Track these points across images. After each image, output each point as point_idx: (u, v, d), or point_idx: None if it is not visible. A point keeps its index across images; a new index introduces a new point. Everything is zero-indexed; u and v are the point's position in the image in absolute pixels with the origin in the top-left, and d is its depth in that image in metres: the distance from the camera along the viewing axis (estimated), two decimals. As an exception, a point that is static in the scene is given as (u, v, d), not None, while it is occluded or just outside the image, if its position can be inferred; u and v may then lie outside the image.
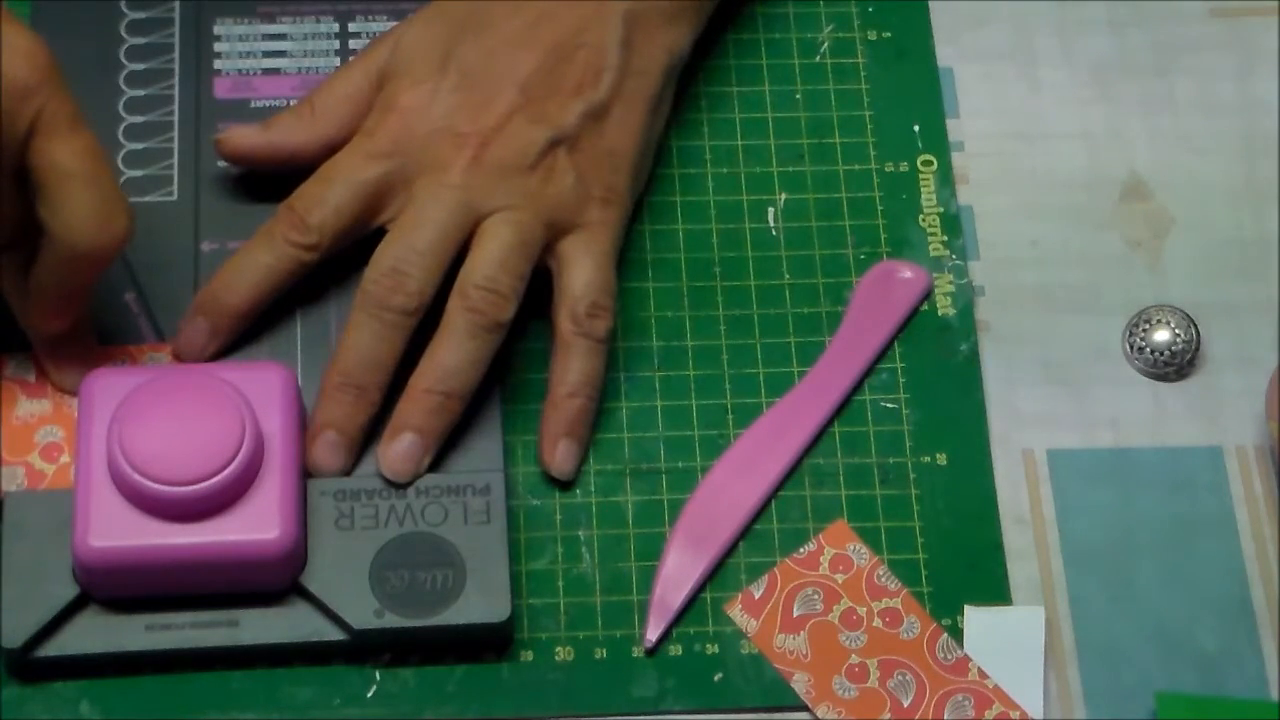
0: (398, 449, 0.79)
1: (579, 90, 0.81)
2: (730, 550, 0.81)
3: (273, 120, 0.84)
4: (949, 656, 0.79)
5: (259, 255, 0.80)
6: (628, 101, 0.82)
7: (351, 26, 0.90)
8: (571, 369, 0.80)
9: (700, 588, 0.80)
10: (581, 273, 0.80)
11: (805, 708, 0.78)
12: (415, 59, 0.82)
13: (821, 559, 0.81)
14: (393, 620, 0.77)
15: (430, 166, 0.80)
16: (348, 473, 0.79)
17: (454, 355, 0.79)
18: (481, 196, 0.79)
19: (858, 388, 0.84)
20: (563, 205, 0.80)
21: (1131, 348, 0.85)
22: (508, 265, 0.79)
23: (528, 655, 0.79)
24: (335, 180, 0.80)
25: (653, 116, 0.84)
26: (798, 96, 0.90)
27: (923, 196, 0.88)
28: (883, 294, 0.86)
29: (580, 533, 0.81)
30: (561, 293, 0.81)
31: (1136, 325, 0.86)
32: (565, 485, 0.81)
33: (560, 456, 0.80)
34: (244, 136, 0.83)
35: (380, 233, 0.81)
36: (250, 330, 0.82)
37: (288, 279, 0.81)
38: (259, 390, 0.77)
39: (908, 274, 0.86)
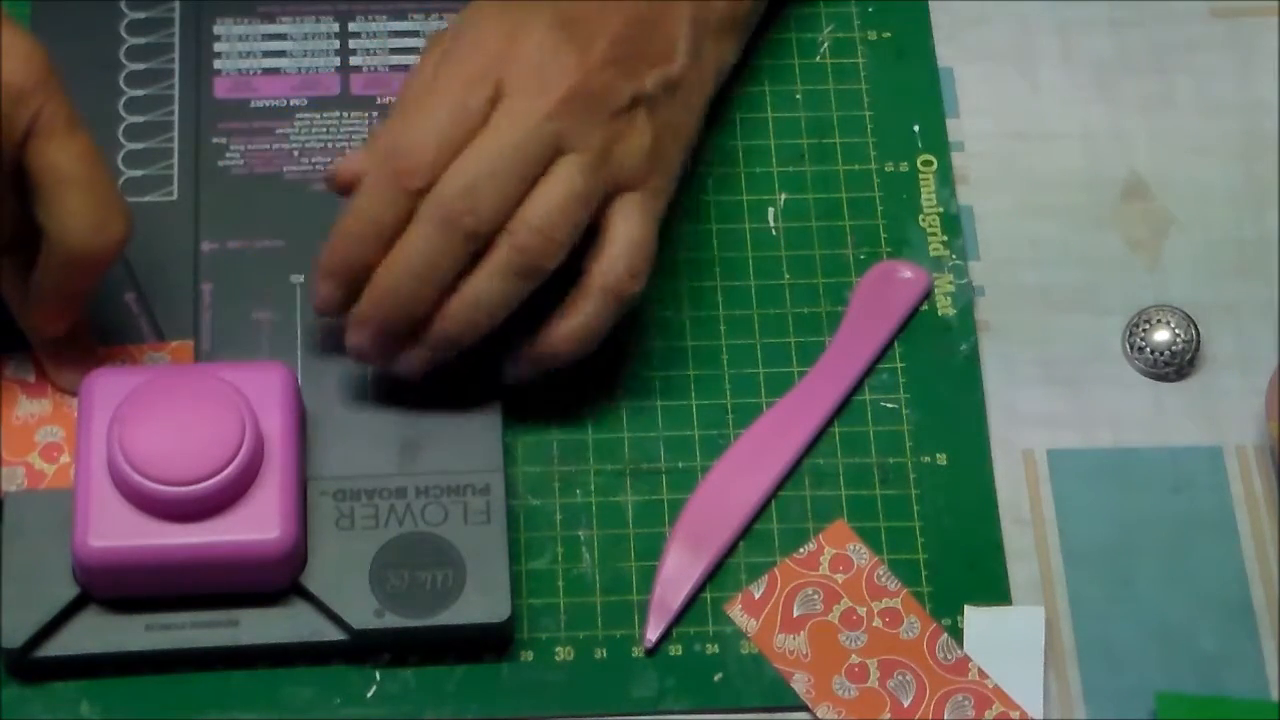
0: (410, 357, 0.79)
1: (659, 61, 0.80)
2: (730, 550, 0.81)
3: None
4: (949, 656, 0.79)
5: (374, 211, 0.77)
6: (692, 89, 0.82)
7: (351, 26, 0.90)
8: (583, 317, 0.79)
9: (700, 588, 0.80)
10: (632, 230, 0.79)
11: (805, 708, 0.78)
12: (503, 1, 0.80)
13: (821, 559, 0.81)
14: (393, 620, 0.77)
15: (527, 89, 0.77)
16: (384, 364, 0.79)
17: (487, 286, 0.77)
18: (570, 130, 0.77)
19: (858, 388, 0.84)
20: (632, 163, 0.79)
21: (1131, 348, 0.85)
22: (568, 212, 0.77)
23: (528, 655, 0.79)
24: (438, 110, 0.77)
25: (704, 116, 0.84)
26: (798, 96, 0.90)
27: (923, 196, 0.88)
28: (883, 294, 0.86)
29: (580, 533, 0.81)
30: (607, 244, 0.79)
31: (1136, 325, 0.86)
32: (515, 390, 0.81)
33: (516, 373, 0.80)
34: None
35: None
36: (250, 330, 0.82)
37: (405, 226, 0.77)
38: (259, 390, 0.77)
39: (908, 274, 0.86)
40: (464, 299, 0.77)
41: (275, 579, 0.77)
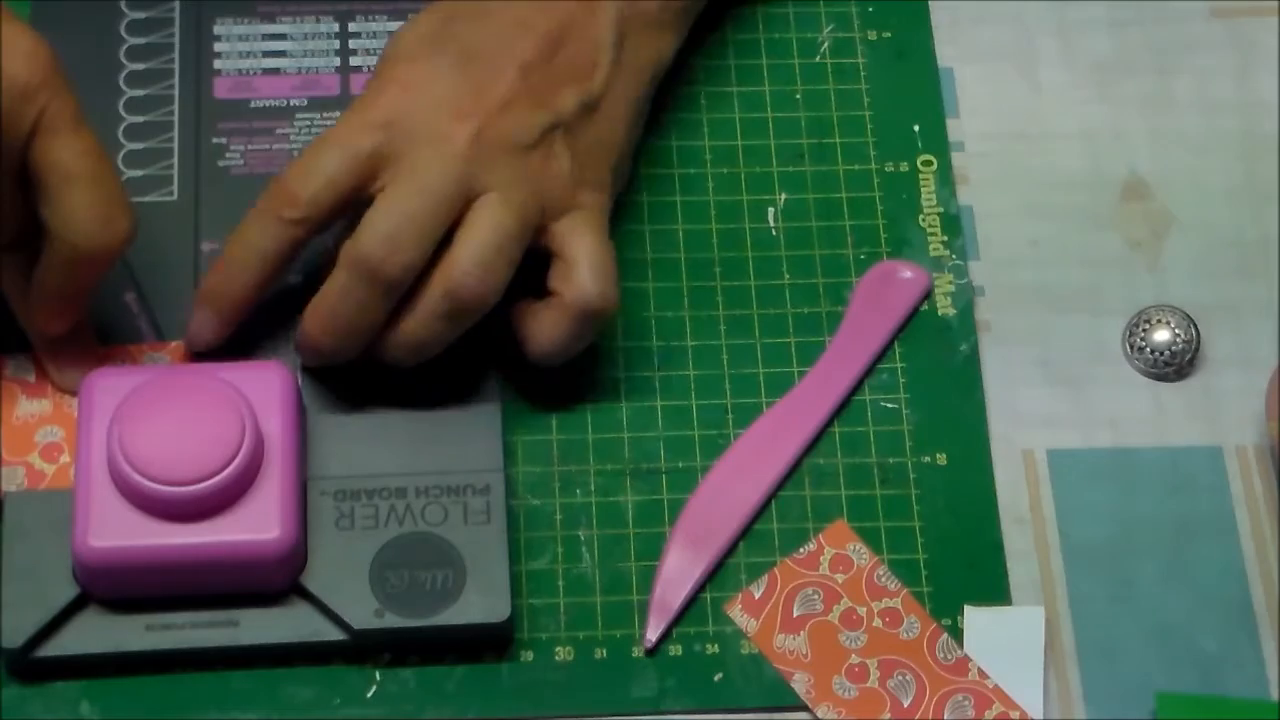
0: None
1: (575, 80, 0.80)
2: (730, 550, 0.81)
3: None
4: (949, 656, 0.79)
5: (253, 239, 0.78)
6: (617, 98, 0.82)
7: (351, 26, 0.90)
8: (559, 335, 0.79)
9: (700, 588, 0.80)
10: (590, 250, 0.79)
11: (805, 708, 0.78)
12: (411, 41, 0.80)
13: (821, 559, 0.81)
14: (393, 620, 0.77)
15: (431, 138, 0.78)
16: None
17: (421, 331, 0.78)
18: (482, 171, 0.78)
19: (858, 388, 0.84)
20: (559, 188, 0.79)
21: (1131, 348, 0.85)
22: (501, 250, 0.77)
23: (528, 655, 0.79)
24: (327, 151, 0.78)
25: (637, 118, 0.84)
26: (798, 96, 0.90)
27: (923, 196, 0.88)
28: (883, 294, 0.86)
29: (580, 533, 0.81)
30: (571, 267, 0.79)
31: (1136, 325, 0.86)
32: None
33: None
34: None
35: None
36: (250, 330, 0.82)
37: (286, 258, 0.79)
38: (259, 390, 0.77)
39: (908, 274, 0.86)
40: (400, 340, 0.78)
41: (275, 579, 0.77)
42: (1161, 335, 0.85)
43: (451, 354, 0.82)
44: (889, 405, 0.84)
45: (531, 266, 0.80)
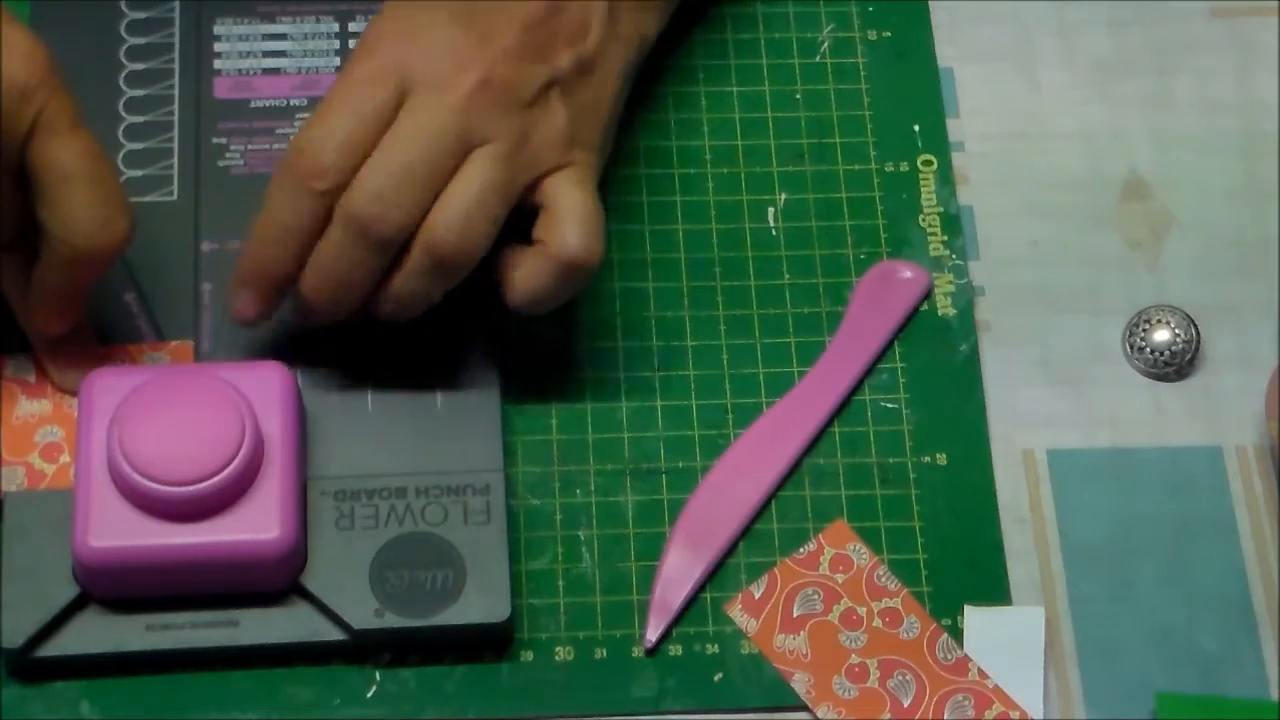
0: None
1: (572, 40, 0.79)
2: (730, 550, 0.81)
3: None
4: (949, 656, 0.79)
5: (284, 217, 0.77)
6: (609, 65, 0.81)
7: (351, 26, 0.90)
8: (537, 284, 0.78)
9: (700, 588, 0.80)
10: (578, 203, 0.78)
11: (805, 708, 0.78)
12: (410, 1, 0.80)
13: (821, 559, 0.81)
14: (393, 620, 0.77)
15: (431, 84, 0.77)
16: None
17: (407, 286, 0.77)
18: (481, 123, 0.77)
19: (858, 388, 0.84)
20: (552, 145, 0.78)
21: (1131, 348, 0.85)
22: (484, 207, 0.76)
23: (528, 655, 0.79)
24: (338, 113, 0.77)
25: (624, 90, 0.83)
26: (798, 96, 0.90)
27: (923, 196, 0.88)
28: (883, 294, 0.86)
29: (580, 533, 0.81)
30: (556, 218, 0.78)
31: (1136, 325, 0.86)
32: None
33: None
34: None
35: None
36: (250, 330, 0.82)
37: (320, 228, 0.77)
38: (259, 390, 0.77)
39: (908, 274, 0.86)
40: (388, 297, 0.78)
41: (275, 579, 0.77)
42: (1161, 335, 0.85)
43: (451, 354, 0.82)
44: (889, 405, 0.84)
45: (523, 219, 0.79)
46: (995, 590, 0.81)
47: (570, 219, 0.78)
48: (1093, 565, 0.81)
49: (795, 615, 0.80)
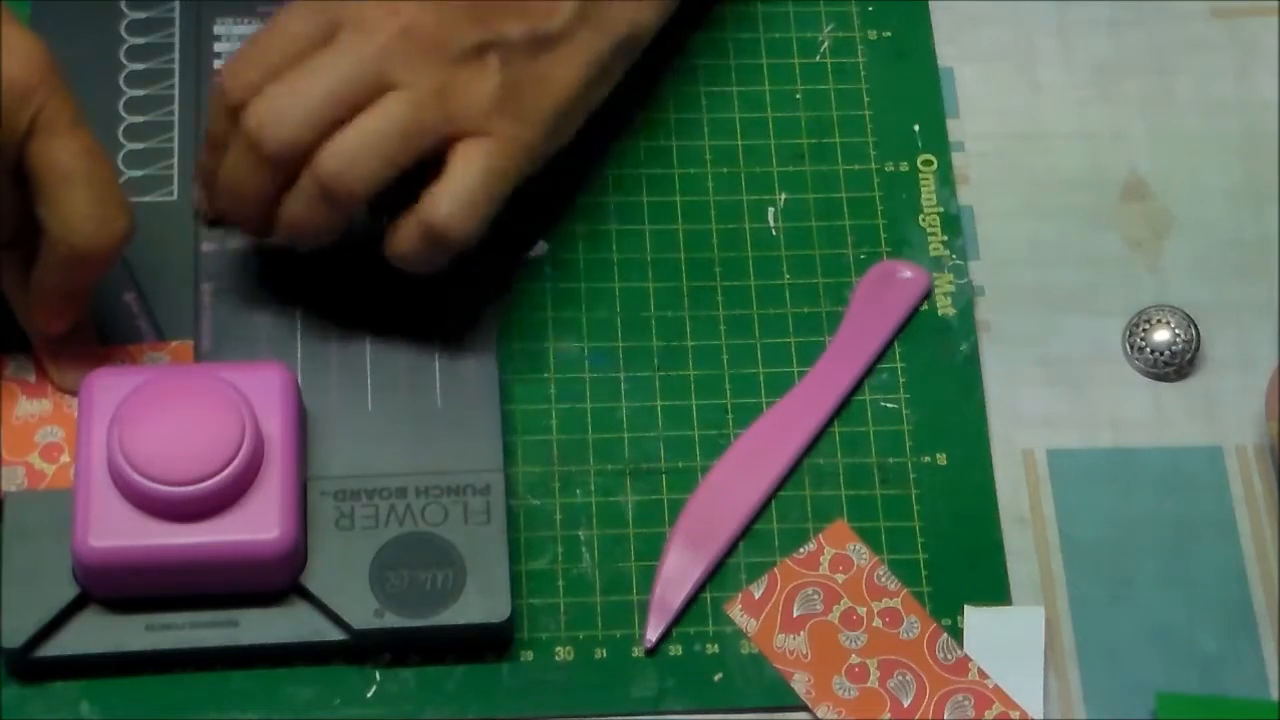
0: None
1: (531, 14, 0.79)
2: (730, 550, 0.81)
3: None
4: (949, 656, 0.79)
5: (213, 128, 0.79)
6: (576, 48, 0.80)
7: (351, 26, 0.90)
8: (403, 241, 0.78)
9: (700, 588, 0.80)
10: (465, 173, 0.77)
11: (805, 708, 0.78)
12: None
13: (821, 559, 0.81)
14: (393, 620, 0.77)
15: (358, 24, 0.77)
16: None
17: (294, 210, 0.78)
18: (397, 69, 0.77)
19: (858, 388, 0.84)
20: (475, 107, 0.78)
21: (1131, 348, 0.85)
22: (379, 145, 0.76)
23: (528, 655, 0.79)
24: (265, 39, 0.78)
25: (595, 79, 0.81)
26: (798, 96, 0.90)
27: (923, 196, 0.88)
28: (883, 294, 0.86)
29: (580, 533, 0.81)
30: (440, 181, 0.78)
31: (1136, 325, 0.86)
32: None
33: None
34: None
35: None
36: (250, 330, 0.82)
37: (267, 190, 0.79)
38: (259, 390, 0.77)
39: (908, 274, 0.86)
40: (283, 218, 0.78)
41: (275, 579, 0.77)
42: (1161, 335, 0.85)
43: (451, 354, 0.82)
44: (889, 405, 0.84)
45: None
46: (995, 590, 0.81)
47: (449, 186, 0.77)
48: (1093, 565, 0.81)
49: (795, 615, 0.80)
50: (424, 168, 0.78)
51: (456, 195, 0.77)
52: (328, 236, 0.79)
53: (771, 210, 0.88)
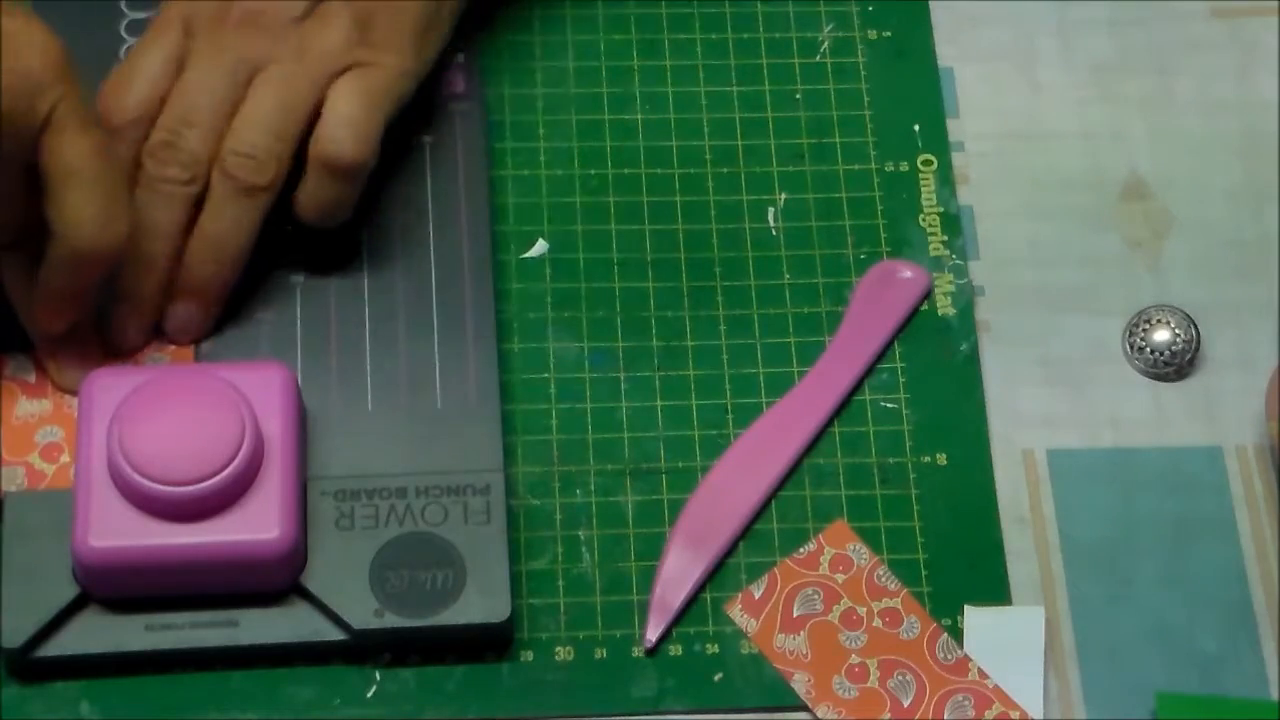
0: (176, 314, 0.81)
1: None
2: (730, 550, 0.81)
3: None
4: (949, 656, 0.79)
5: (150, 215, 0.79)
6: None
7: (351, 26, 0.90)
8: (311, 191, 0.80)
9: (700, 588, 0.80)
10: (339, 104, 0.79)
11: (805, 708, 0.78)
12: None
13: (821, 559, 0.81)
14: (393, 620, 0.77)
15: (205, 25, 0.80)
16: (139, 346, 0.81)
17: (215, 223, 0.79)
18: (255, 52, 0.79)
19: (858, 387, 0.84)
20: (336, 51, 0.80)
21: (1131, 348, 0.85)
22: (270, 127, 0.79)
23: (528, 655, 0.79)
24: (132, 65, 0.80)
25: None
26: (798, 96, 0.90)
27: (923, 196, 0.88)
28: (882, 294, 0.86)
29: (580, 533, 0.81)
30: (322, 120, 0.80)
31: (1136, 325, 0.86)
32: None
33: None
34: None
35: None
36: (250, 330, 0.82)
37: (184, 219, 0.80)
38: (259, 390, 0.77)
39: (907, 274, 0.86)
40: (201, 239, 0.79)
41: (275, 579, 0.77)
42: (1161, 335, 0.85)
43: (451, 354, 0.82)
44: (889, 405, 0.84)
45: None
46: (995, 590, 0.81)
47: (330, 120, 0.79)
48: (1093, 565, 0.81)
49: (795, 615, 0.80)
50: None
51: (338, 121, 0.79)
52: (249, 242, 0.80)
53: (771, 210, 0.88)
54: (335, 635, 0.77)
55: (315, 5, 0.80)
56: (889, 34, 0.92)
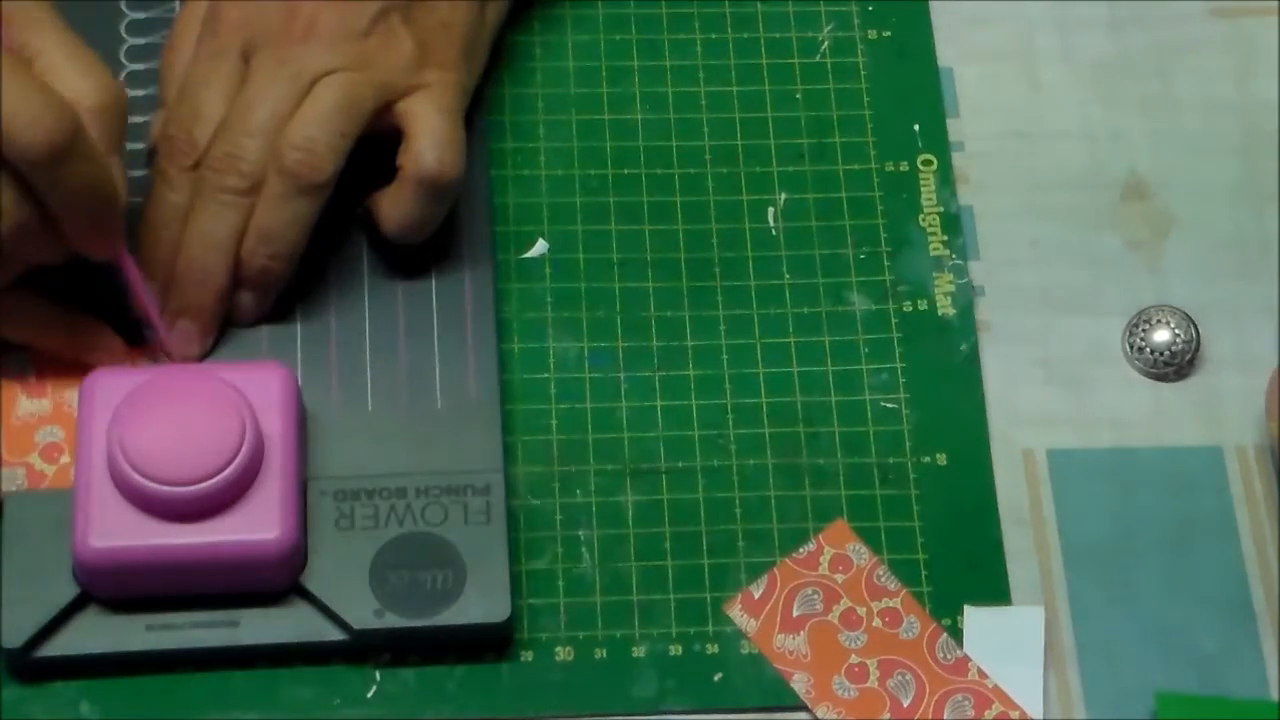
0: (238, 303, 0.81)
1: None
2: None
3: None
4: (949, 656, 0.79)
5: (207, 225, 0.79)
6: None
7: (351, 26, 0.90)
8: (405, 208, 0.81)
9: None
10: (432, 121, 0.80)
11: (805, 708, 0.78)
12: None
13: (821, 559, 0.81)
14: (393, 620, 0.77)
15: (268, 41, 0.80)
16: (202, 356, 0.81)
17: (270, 217, 0.79)
18: (316, 64, 0.80)
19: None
20: (400, 68, 0.81)
21: (1131, 348, 0.86)
22: (326, 124, 0.79)
23: (528, 655, 0.79)
24: (195, 92, 0.81)
25: (488, 8, 0.85)
26: (798, 96, 0.90)
27: (923, 196, 0.88)
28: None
29: (580, 533, 0.81)
30: (411, 139, 0.80)
31: (1136, 325, 0.86)
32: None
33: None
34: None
35: None
36: (250, 330, 0.82)
37: (241, 228, 0.80)
38: (259, 390, 0.77)
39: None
40: (255, 234, 0.79)
41: (275, 579, 0.77)
42: (1161, 335, 0.85)
43: (451, 353, 0.82)
44: (889, 405, 0.84)
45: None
46: (995, 590, 0.81)
47: (423, 138, 0.80)
48: (1093, 565, 0.81)
49: (795, 615, 0.80)
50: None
51: (436, 141, 0.80)
52: (303, 238, 0.80)
53: (771, 210, 0.88)
54: (335, 635, 0.77)
55: (377, 24, 0.81)
56: (889, 34, 0.92)
